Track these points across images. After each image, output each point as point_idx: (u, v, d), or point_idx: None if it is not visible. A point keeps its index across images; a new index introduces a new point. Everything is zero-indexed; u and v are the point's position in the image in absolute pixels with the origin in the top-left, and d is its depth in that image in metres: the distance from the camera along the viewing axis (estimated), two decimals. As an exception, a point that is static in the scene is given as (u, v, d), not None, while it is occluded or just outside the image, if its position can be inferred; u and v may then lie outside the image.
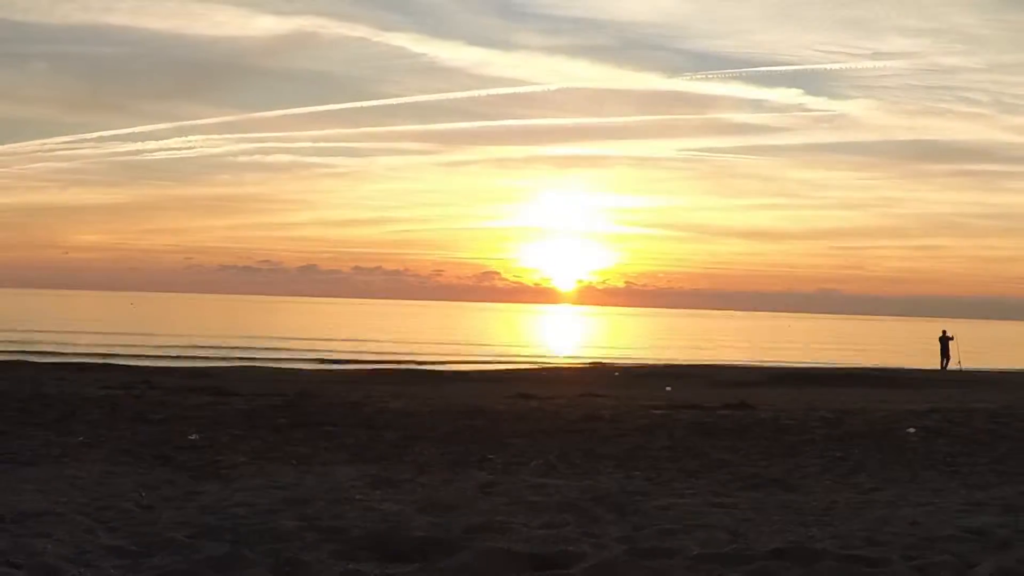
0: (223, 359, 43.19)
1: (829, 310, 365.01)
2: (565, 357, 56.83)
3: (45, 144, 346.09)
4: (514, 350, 60.59)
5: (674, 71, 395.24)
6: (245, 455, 12.28)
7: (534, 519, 8.20)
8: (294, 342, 61.31)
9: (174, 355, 44.61)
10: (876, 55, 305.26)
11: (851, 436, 15.32)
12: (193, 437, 13.74)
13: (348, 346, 58.75)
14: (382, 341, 66.18)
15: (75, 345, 49.54)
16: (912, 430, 16.04)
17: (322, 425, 15.37)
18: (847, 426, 16.50)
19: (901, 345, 74.71)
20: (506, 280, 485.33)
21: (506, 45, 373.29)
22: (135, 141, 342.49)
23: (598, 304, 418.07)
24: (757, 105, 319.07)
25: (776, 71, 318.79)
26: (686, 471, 11.82)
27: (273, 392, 21.09)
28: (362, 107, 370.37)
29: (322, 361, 44.36)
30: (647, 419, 17.26)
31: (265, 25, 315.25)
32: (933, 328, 44.01)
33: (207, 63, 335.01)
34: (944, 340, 43.09)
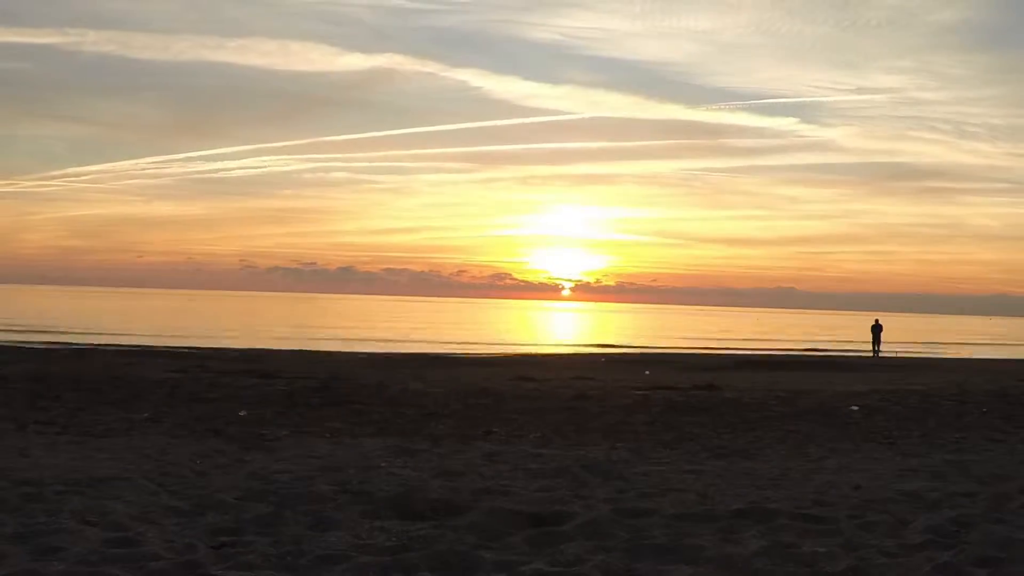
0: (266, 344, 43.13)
1: (788, 305, 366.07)
2: (560, 345, 56.73)
3: (138, 164, 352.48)
4: (517, 339, 60.47)
5: (694, 103, 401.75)
6: (286, 429, 12.29)
7: (532, 483, 8.21)
8: (328, 332, 61.22)
9: (225, 343, 44.52)
10: (860, 90, 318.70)
11: (803, 413, 15.33)
12: (242, 413, 13.76)
13: (375, 335, 58.68)
14: (404, 331, 66.09)
15: (140, 335, 49.50)
16: (855, 408, 16.04)
17: (352, 404, 15.39)
18: (800, 404, 16.51)
19: (848, 335, 74.48)
20: (516, 279, 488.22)
21: (555, 80, 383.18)
22: (216, 161, 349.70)
23: (593, 300, 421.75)
24: (759, 132, 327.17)
25: (777, 103, 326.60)
26: (662, 443, 11.82)
27: (310, 375, 21.11)
28: (416, 132, 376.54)
29: (352, 347, 44.27)
30: (629, 399, 17.27)
31: (351, 62, 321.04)
32: (881, 322, 43.55)
33: (294, 95, 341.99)
34: (876, 329, 42.63)
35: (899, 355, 42.03)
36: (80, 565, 5.10)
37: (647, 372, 26.96)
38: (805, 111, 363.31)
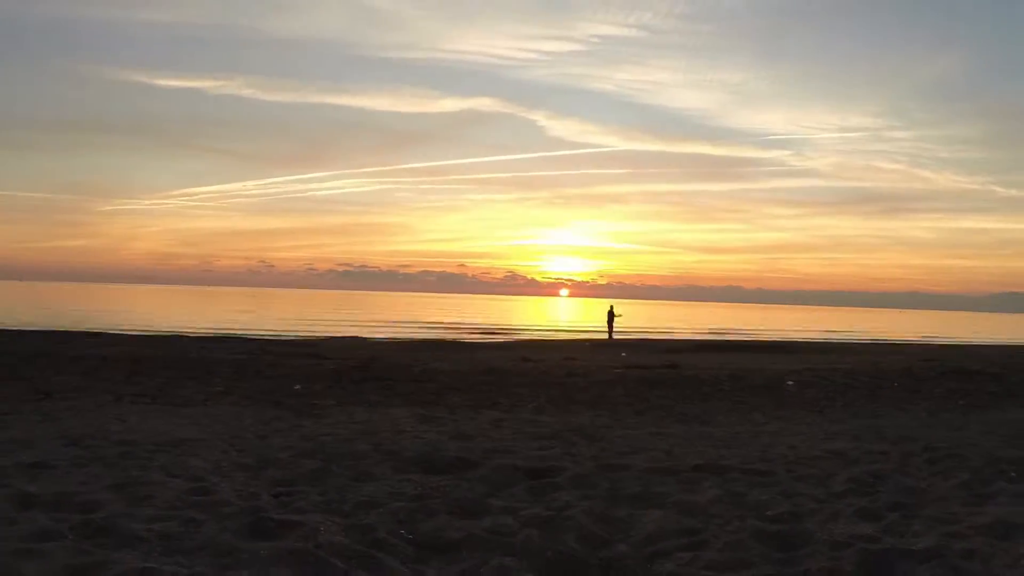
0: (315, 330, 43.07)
1: (744, 300, 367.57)
2: (554, 332, 56.62)
3: (244, 185, 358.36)
4: (518, 327, 60.36)
5: (711, 140, 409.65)
6: (332, 400, 12.30)
7: (531, 444, 8.21)
8: (368, 321, 61.18)
9: (284, 330, 44.53)
10: (840, 128, 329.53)
11: (749, 387, 15.31)
12: (297, 387, 13.77)
13: (405, 323, 58.61)
14: (428, 320, 66.00)
15: (215, 323, 49.50)
16: (791, 383, 16.02)
17: (385, 380, 15.40)
18: (746, 380, 16.49)
19: (787, 324, 74.39)
20: (526, 279, 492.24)
21: (606, 121, 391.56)
22: (307, 183, 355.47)
23: (586, 296, 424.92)
24: (758, 162, 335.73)
25: (775, 139, 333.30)
26: (635, 411, 11.83)
27: (352, 357, 21.11)
28: (476, 161, 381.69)
29: (386, 333, 44.20)
30: (609, 376, 17.26)
31: (447, 104, 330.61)
32: (819, 313, 43.42)
33: (397, 130, 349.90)
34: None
35: (828, 340, 41.94)
36: (166, 509, 5.11)
37: (623, 354, 26.95)
38: (797, 145, 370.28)
